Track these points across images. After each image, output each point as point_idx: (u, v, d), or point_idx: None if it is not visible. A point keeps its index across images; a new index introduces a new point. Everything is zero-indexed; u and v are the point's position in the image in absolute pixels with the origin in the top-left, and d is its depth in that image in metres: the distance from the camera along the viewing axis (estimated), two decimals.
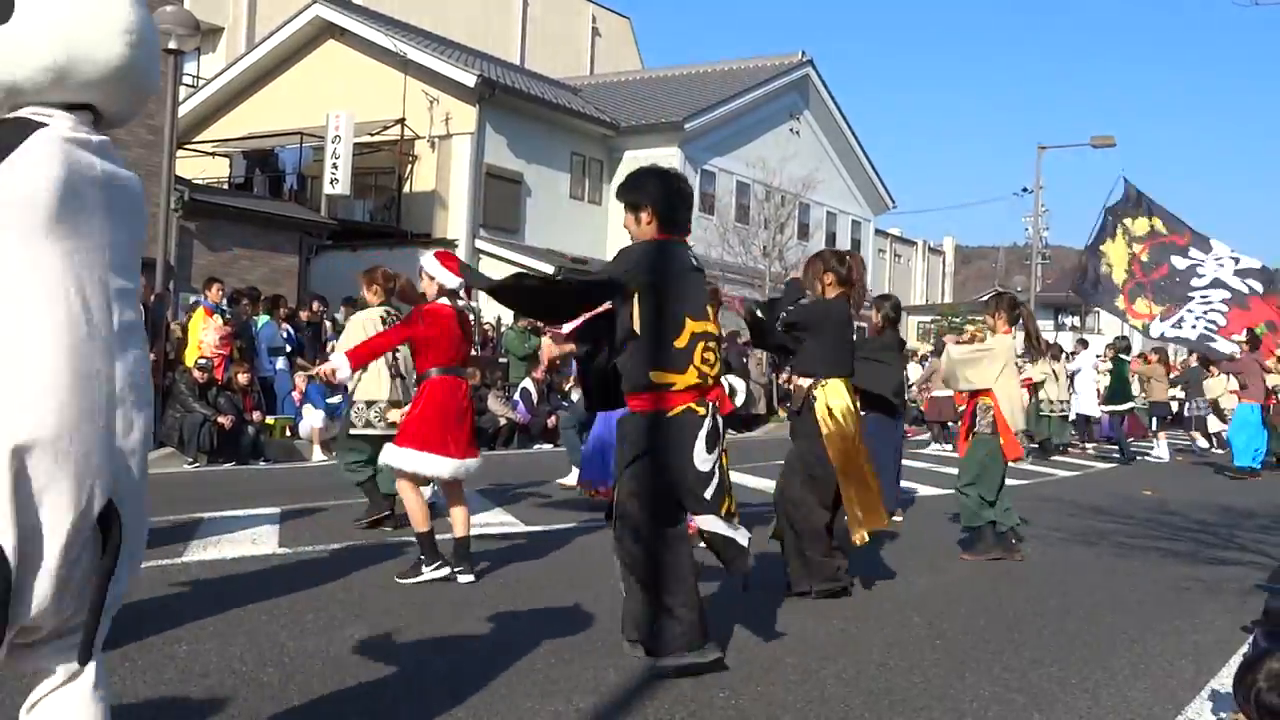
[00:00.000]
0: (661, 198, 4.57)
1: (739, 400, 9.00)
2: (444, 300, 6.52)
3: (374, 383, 7.99)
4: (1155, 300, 14.06)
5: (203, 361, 13.26)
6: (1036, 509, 11.40)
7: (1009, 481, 8.60)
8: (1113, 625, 6.22)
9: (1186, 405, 20.73)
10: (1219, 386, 19.67)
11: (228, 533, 7.92)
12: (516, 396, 17.07)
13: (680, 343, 4.37)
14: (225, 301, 14.70)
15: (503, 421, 16.43)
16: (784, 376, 22.70)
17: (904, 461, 13.76)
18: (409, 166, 26.62)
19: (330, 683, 4.45)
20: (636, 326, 4.41)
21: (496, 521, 9.00)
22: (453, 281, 6.49)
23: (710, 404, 4.50)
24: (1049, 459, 18.00)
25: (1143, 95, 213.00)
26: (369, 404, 7.99)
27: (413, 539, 6.83)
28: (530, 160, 27.57)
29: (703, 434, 4.43)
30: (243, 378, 13.61)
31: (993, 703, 4.62)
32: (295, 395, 14.67)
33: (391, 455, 6.34)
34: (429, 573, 6.40)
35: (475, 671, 4.65)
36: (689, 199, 4.64)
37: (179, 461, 12.59)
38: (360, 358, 6.33)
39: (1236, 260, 13.07)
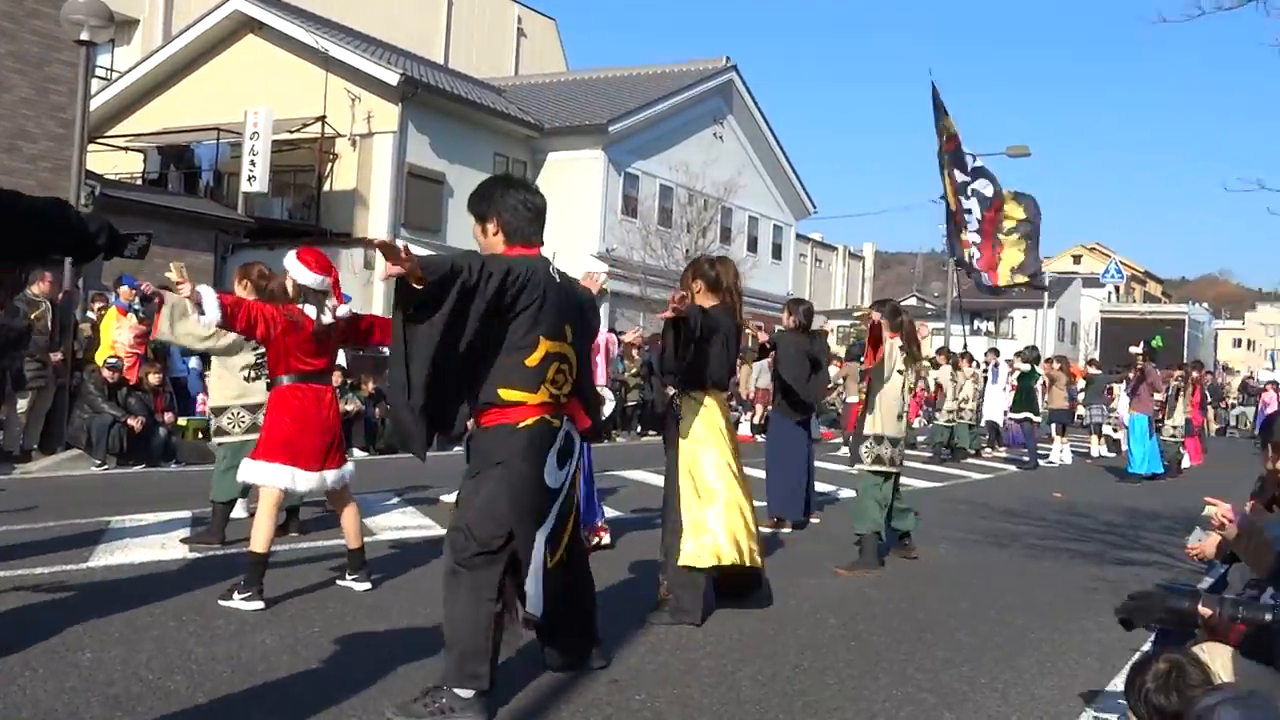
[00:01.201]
0: (509, 209, 4.40)
1: (607, 410, 8.68)
2: (307, 304, 6.02)
3: (223, 387, 7.50)
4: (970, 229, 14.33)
5: (113, 361, 12.95)
6: (949, 512, 11.57)
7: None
8: (1023, 626, 6.34)
9: (1087, 412, 21.69)
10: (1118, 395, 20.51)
11: (136, 537, 7.72)
12: None
13: (532, 361, 4.19)
14: (138, 300, 14.37)
15: None
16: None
17: (824, 464, 13.83)
18: (329, 165, 26.28)
19: (240, 690, 4.35)
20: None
21: (414, 525, 8.91)
22: (312, 280, 6.00)
23: (565, 419, 4.36)
24: (960, 463, 18.30)
25: (1060, 106, 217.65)
26: (219, 410, 7.50)
27: (325, 544, 6.69)
28: (453, 160, 27.39)
29: (555, 449, 4.28)
30: (154, 378, 13.32)
31: (905, 703, 4.67)
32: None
33: (244, 469, 6.00)
34: (239, 601, 5.75)
35: (388, 677, 4.58)
36: (540, 211, 4.44)
37: (86, 464, 12.26)
38: (231, 308, 5.68)
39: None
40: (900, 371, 7.95)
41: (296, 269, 6.00)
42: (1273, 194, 8.18)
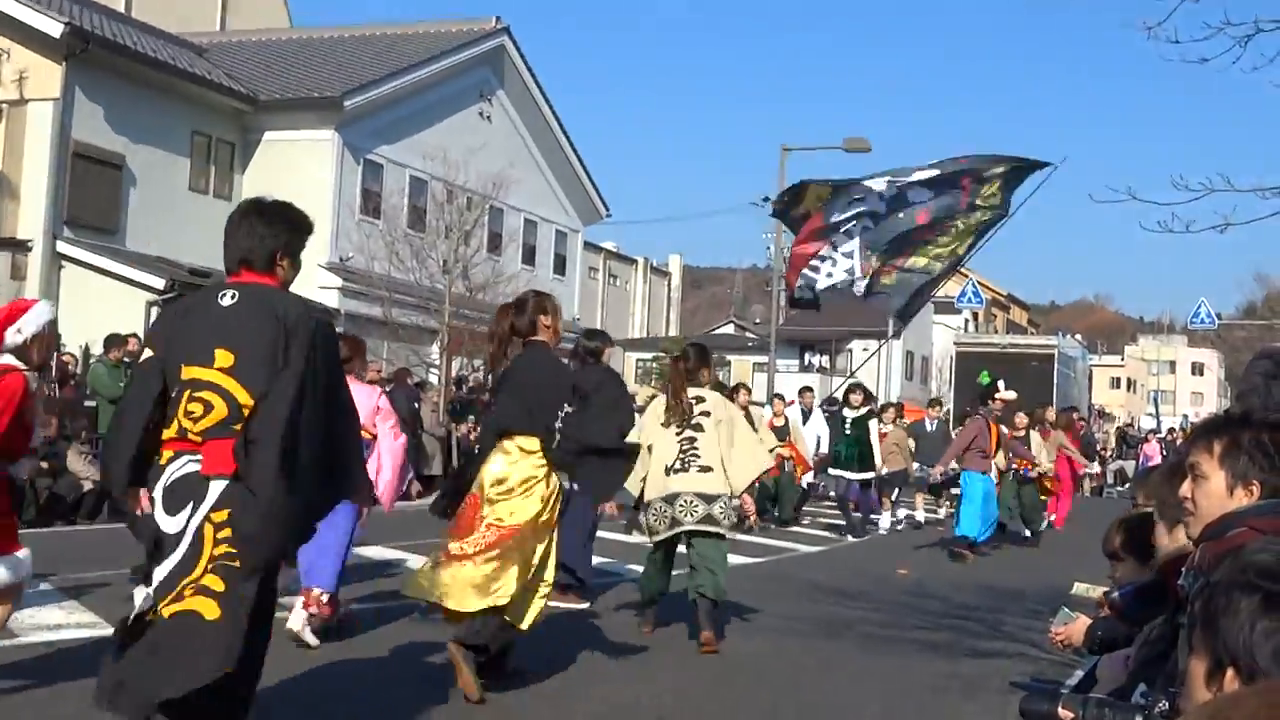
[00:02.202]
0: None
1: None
2: None
3: None
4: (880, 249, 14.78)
5: None
6: (772, 593, 11.79)
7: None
8: None
9: (918, 466, 21.61)
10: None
11: None
12: None
13: (172, 390, 4.73)
14: None
15: (87, 486, 15.64)
16: (464, 428, 22.68)
17: None
18: None
19: None
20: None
21: (72, 623, 8.53)
22: None
23: (180, 455, 4.70)
24: (787, 529, 18.71)
25: (903, 98, 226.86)
26: None
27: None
28: (137, 139, 26.63)
29: (159, 489, 4.68)
30: None
31: None
32: None
33: None
34: None
35: None
36: (228, 230, 5.04)
37: None
38: None
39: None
40: (664, 425, 9.13)
41: None
42: (1147, 206, 8.70)
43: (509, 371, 7.33)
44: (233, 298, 4.87)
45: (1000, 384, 18.78)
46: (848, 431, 19.10)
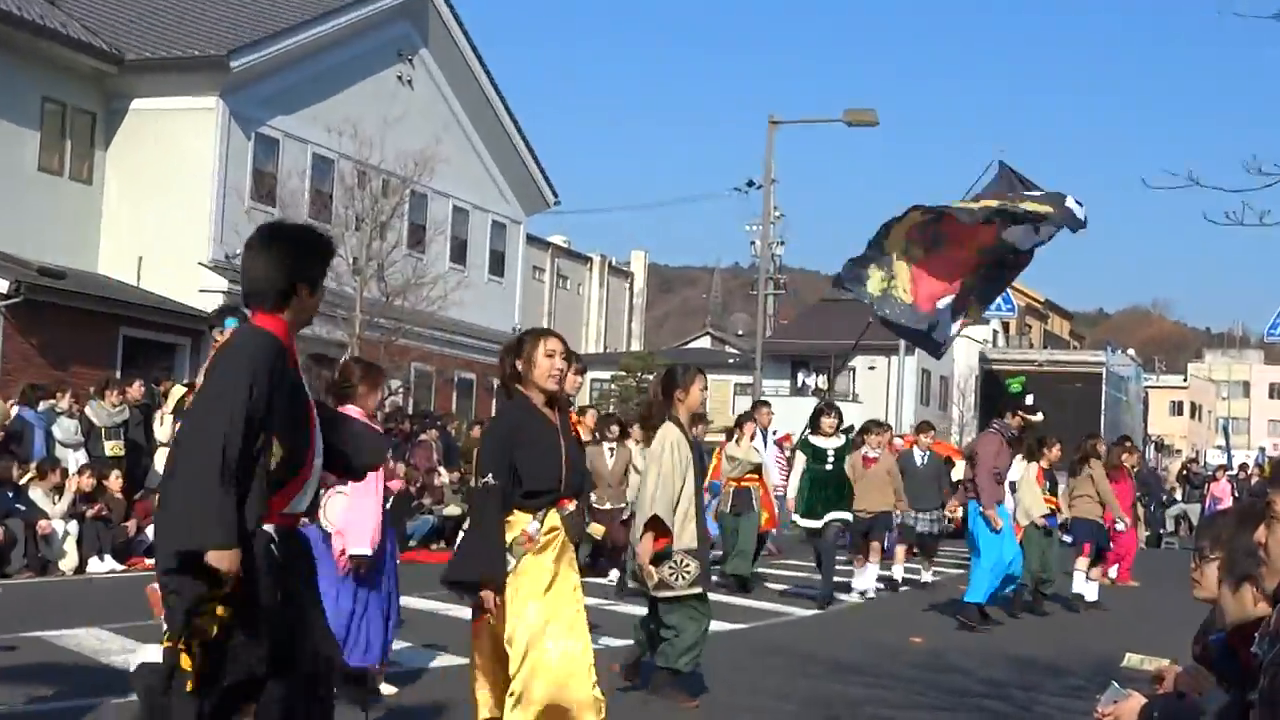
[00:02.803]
0: None
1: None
2: None
3: None
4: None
5: None
6: (760, 668, 11.81)
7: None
8: None
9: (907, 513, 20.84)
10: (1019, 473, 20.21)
11: None
12: None
13: None
14: None
15: None
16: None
17: None
18: None
19: None
20: None
21: None
22: None
23: None
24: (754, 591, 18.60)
25: (908, 63, 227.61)
26: None
27: None
28: None
29: None
30: None
31: None
32: None
33: None
34: None
35: None
36: None
37: None
38: None
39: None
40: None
41: None
42: (1214, 193, 8.64)
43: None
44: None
45: (1030, 398, 18.27)
46: (828, 466, 17.92)
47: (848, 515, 17.99)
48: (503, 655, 7.19)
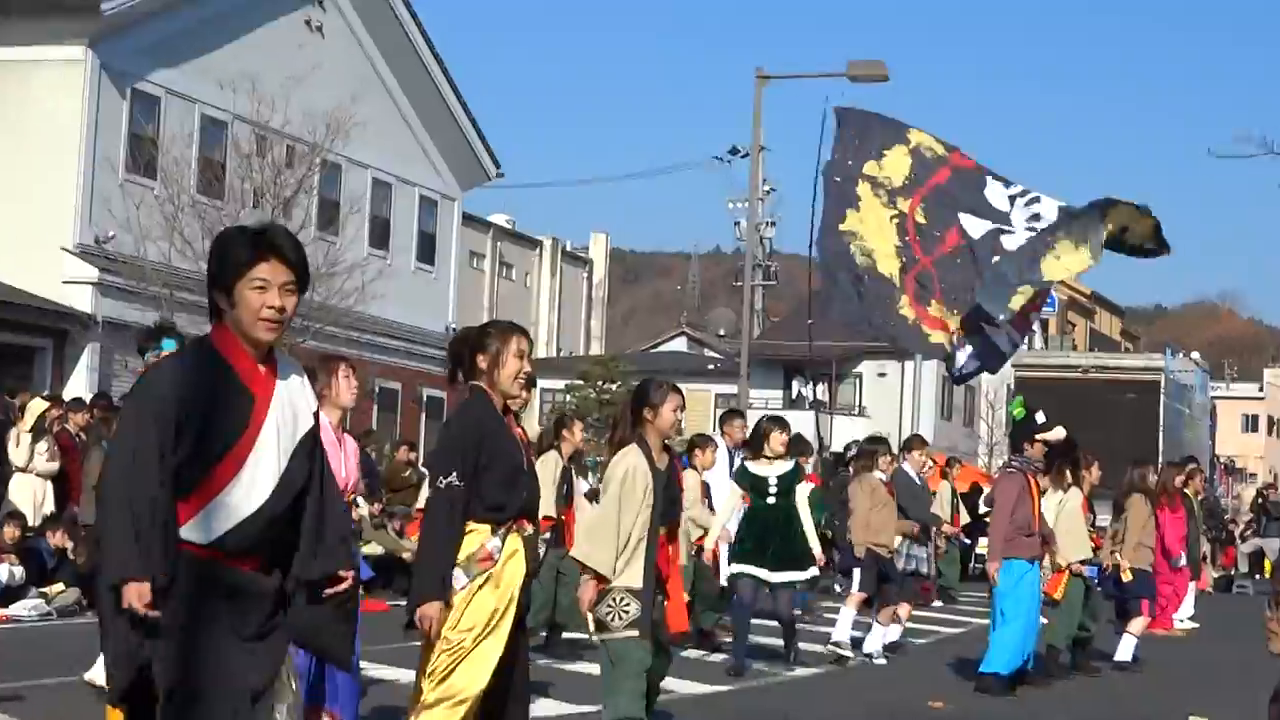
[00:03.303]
0: None
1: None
2: None
3: None
4: (946, 297, 15.21)
5: None
6: None
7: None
8: None
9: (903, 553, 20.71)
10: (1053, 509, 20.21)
11: None
12: None
13: None
14: None
15: None
16: None
17: None
18: None
19: None
20: None
21: None
22: None
23: None
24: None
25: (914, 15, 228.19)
26: None
27: None
28: None
29: None
30: None
31: None
32: None
33: None
34: None
35: None
36: None
37: None
38: None
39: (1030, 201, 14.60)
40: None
41: None
42: None
43: None
44: None
45: (1040, 415, 17.64)
46: (770, 499, 16.92)
47: (805, 575, 17.23)
48: None
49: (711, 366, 57.79)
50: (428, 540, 7.78)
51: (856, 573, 18.21)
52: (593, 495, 18.18)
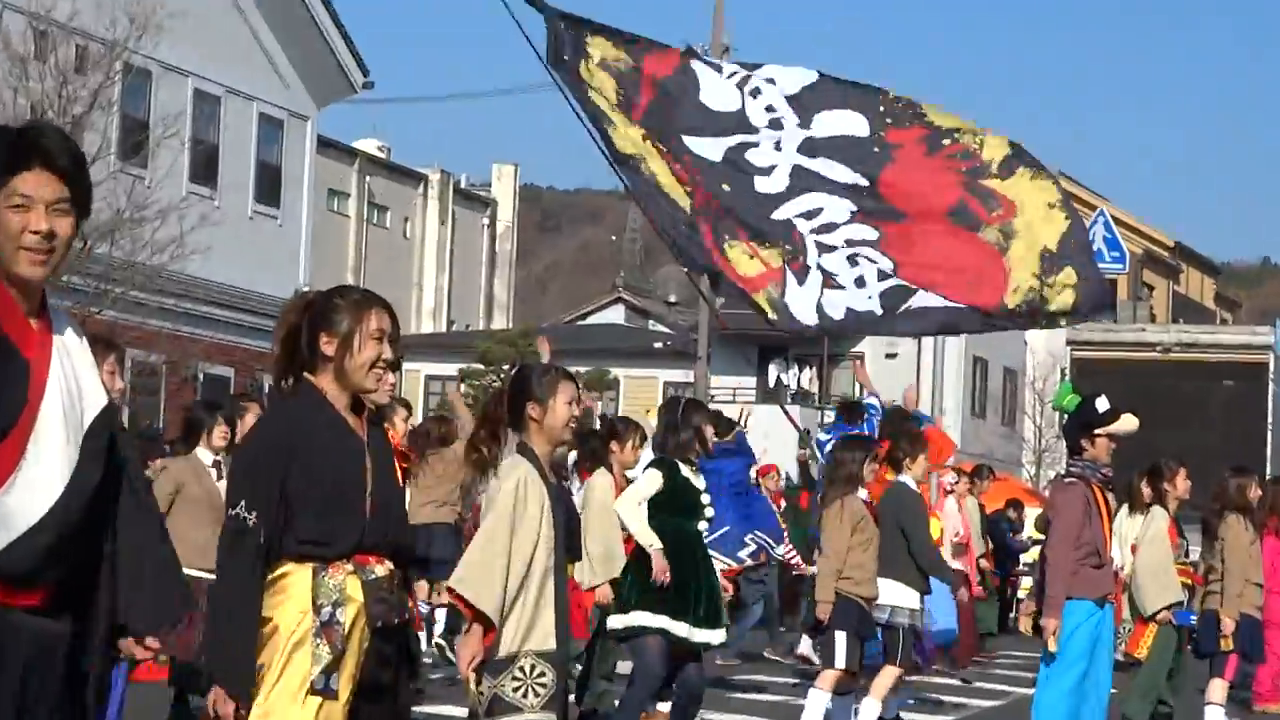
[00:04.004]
0: None
1: None
2: None
3: None
4: (751, 231, 15.41)
5: None
6: None
7: None
8: None
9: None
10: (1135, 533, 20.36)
11: None
12: None
13: None
14: None
15: None
16: None
17: None
18: None
19: None
20: None
21: None
22: None
23: None
24: None
25: None
26: None
27: None
28: None
29: None
30: None
31: None
32: None
33: None
34: None
35: None
36: None
37: None
38: None
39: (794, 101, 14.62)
40: None
41: None
42: None
43: None
44: None
45: (1102, 401, 17.13)
46: (700, 519, 16.52)
47: (722, 635, 16.78)
48: None
49: (660, 346, 57.61)
50: (217, 603, 7.38)
51: (839, 640, 17.11)
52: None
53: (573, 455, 18.48)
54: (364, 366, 7.56)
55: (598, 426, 19.73)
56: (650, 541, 15.63)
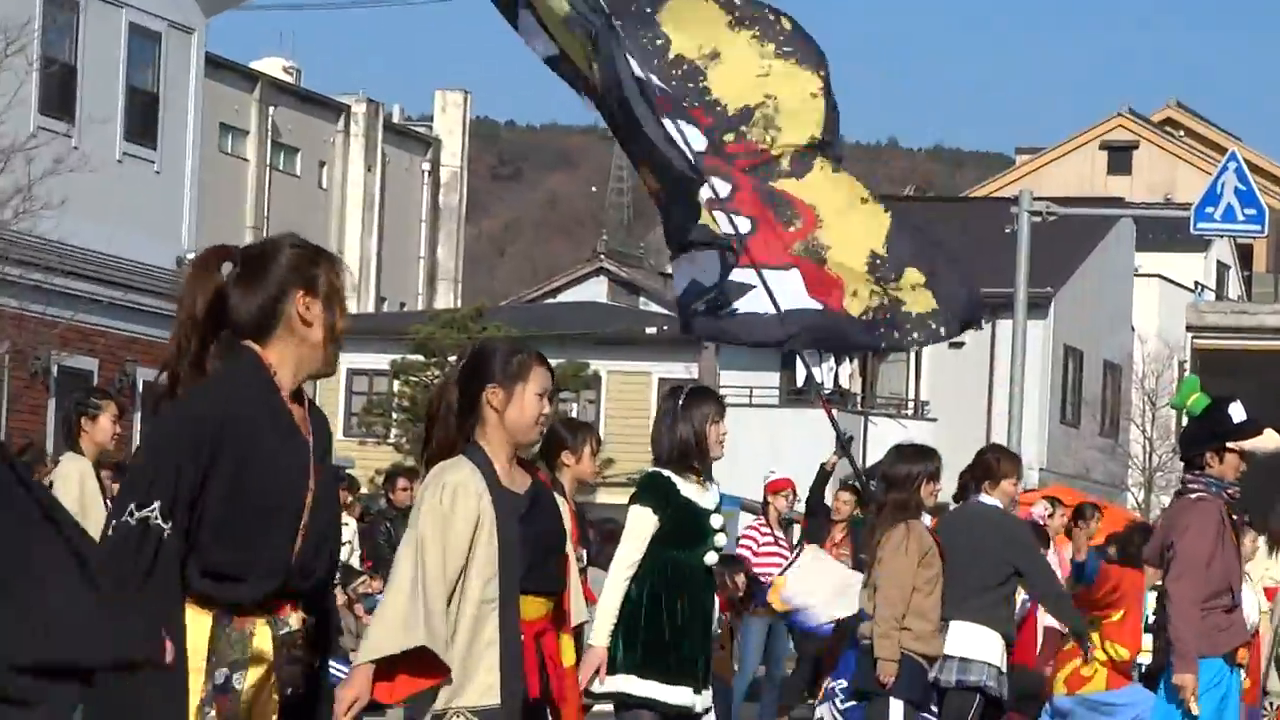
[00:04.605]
0: None
1: None
2: None
3: None
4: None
5: None
6: None
7: None
8: None
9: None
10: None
11: None
12: None
13: None
14: None
15: None
16: None
17: None
18: None
19: None
20: None
21: None
22: None
23: None
24: None
25: None
26: None
27: None
28: None
29: None
30: None
31: None
32: None
33: None
34: None
35: None
36: None
37: None
38: None
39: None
40: None
41: None
42: None
43: None
44: None
45: (1237, 409, 17.33)
46: (709, 549, 15.89)
47: (706, 698, 16.05)
48: None
49: (653, 331, 57.36)
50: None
51: (895, 713, 17.46)
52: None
53: None
54: (316, 341, 7.35)
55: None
56: (600, 641, 15.00)
